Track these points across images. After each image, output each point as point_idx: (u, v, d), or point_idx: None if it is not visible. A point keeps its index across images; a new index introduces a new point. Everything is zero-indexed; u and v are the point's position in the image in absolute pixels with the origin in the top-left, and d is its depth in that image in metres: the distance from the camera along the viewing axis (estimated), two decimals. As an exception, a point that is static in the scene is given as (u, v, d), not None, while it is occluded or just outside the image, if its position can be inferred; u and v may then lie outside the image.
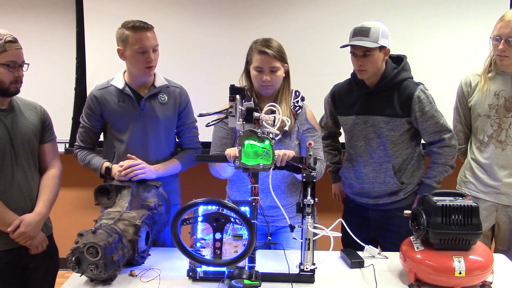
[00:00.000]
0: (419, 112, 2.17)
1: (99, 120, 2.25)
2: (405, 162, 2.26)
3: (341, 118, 2.37)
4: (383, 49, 2.16)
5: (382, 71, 2.21)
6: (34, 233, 1.98)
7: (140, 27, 2.11)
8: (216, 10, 3.26)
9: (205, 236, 1.77)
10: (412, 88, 2.19)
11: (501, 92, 2.34)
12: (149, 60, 2.13)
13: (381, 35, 2.12)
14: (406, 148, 2.25)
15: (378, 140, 2.24)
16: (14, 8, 3.39)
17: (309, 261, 1.77)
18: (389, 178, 2.23)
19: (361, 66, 2.16)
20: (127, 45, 2.13)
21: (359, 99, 2.29)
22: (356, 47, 2.14)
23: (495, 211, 2.41)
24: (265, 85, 2.11)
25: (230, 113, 1.77)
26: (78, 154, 2.28)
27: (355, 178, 2.32)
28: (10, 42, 1.88)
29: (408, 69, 2.26)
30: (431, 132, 2.20)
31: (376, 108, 2.23)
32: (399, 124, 2.20)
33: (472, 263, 1.69)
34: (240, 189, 2.22)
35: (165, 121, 2.25)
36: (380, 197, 2.27)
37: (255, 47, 2.12)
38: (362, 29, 2.13)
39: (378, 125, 2.22)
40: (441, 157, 2.22)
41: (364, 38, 2.11)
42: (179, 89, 2.31)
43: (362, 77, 2.22)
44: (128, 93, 2.20)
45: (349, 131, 2.33)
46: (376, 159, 2.25)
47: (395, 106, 2.20)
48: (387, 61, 2.23)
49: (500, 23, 2.24)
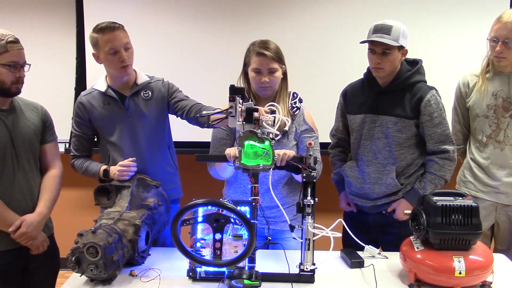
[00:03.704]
0: (428, 116, 2.14)
1: (89, 126, 2.24)
2: (409, 167, 2.22)
3: (350, 116, 2.33)
4: (401, 49, 2.13)
5: (396, 71, 2.18)
6: (35, 234, 1.98)
7: (108, 27, 2.09)
8: (216, 10, 3.26)
9: (205, 236, 1.77)
10: (424, 91, 2.16)
11: (499, 92, 2.34)
12: (122, 59, 2.10)
13: (402, 34, 2.09)
14: (411, 153, 2.21)
15: (384, 141, 2.21)
16: (14, 8, 3.39)
17: (309, 261, 1.77)
18: (391, 180, 2.20)
19: (378, 64, 2.12)
20: (99, 49, 2.13)
21: (369, 98, 2.25)
22: (376, 44, 2.10)
23: (495, 211, 2.41)
24: (264, 86, 2.11)
25: (230, 113, 1.77)
26: (75, 164, 2.27)
27: (356, 178, 2.29)
28: (12, 43, 1.88)
29: (422, 72, 2.23)
30: (436, 141, 2.16)
31: (385, 108, 2.20)
32: (407, 126, 2.17)
33: (472, 263, 1.69)
34: (237, 190, 2.23)
35: (152, 117, 2.24)
36: (379, 199, 2.25)
37: (253, 49, 2.12)
38: (383, 26, 2.09)
39: (386, 125, 2.19)
40: (441, 169, 2.17)
41: (385, 35, 2.07)
42: (161, 81, 2.30)
43: (378, 75, 2.18)
44: (112, 95, 2.20)
45: (357, 130, 2.29)
46: (380, 160, 2.23)
47: (405, 107, 2.17)
48: (402, 62, 2.20)
49: (497, 24, 2.24)
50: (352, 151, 2.37)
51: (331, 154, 2.49)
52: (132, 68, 2.19)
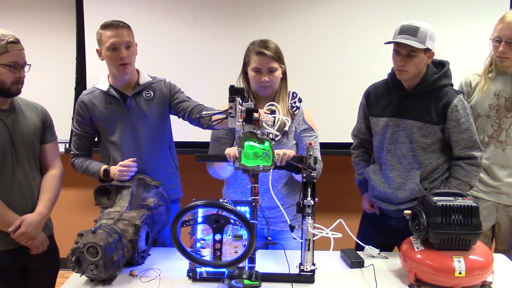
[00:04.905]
0: (455, 122, 2.07)
1: (90, 126, 2.24)
2: (433, 172, 2.15)
3: (373, 119, 2.25)
4: (428, 52, 2.05)
5: (422, 73, 2.10)
6: (35, 233, 1.98)
7: (112, 24, 2.11)
8: (216, 11, 3.26)
9: (205, 236, 1.77)
10: (451, 96, 2.08)
11: (501, 92, 2.34)
12: (120, 56, 2.10)
13: (429, 37, 2.00)
14: (437, 158, 2.14)
15: (409, 145, 2.14)
16: (14, 8, 3.39)
17: (309, 262, 1.77)
18: (415, 186, 2.12)
19: (403, 66, 2.05)
20: (101, 44, 2.14)
21: (394, 101, 2.18)
22: (401, 45, 2.03)
23: (496, 211, 2.41)
24: (264, 85, 2.11)
25: (229, 114, 1.77)
26: (75, 163, 2.26)
27: (380, 182, 2.23)
28: (12, 43, 1.89)
29: (449, 75, 2.15)
30: (463, 147, 2.09)
31: (410, 112, 2.13)
32: (432, 131, 2.10)
33: (472, 263, 1.69)
34: (236, 189, 2.22)
35: (153, 117, 2.24)
36: (403, 203, 2.18)
37: (253, 48, 2.12)
38: (410, 27, 2.01)
39: (411, 129, 2.13)
40: (467, 175, 2.10)
41: (412, 37, 1.99)
42: (163, 81, 2.30)
43: (402, 77, 2.11)
44: (113, 94, 2.20)
45: (380, 134, 2.23)
46: (404, 165, 2.16)
47: (431, 111, 2.09)
48: (429, 65, 2.12)
49: (501, 24, 2.24)
50: (375, 154, 2.31)
51: (354, 154, 2.44)
52: (132, 67, 2.19)
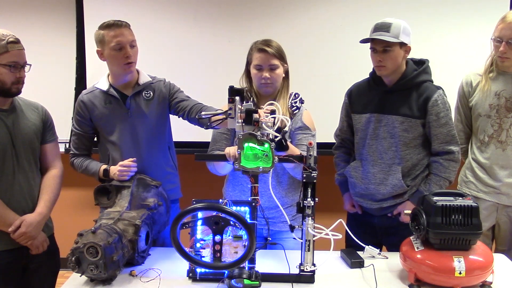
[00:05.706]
0: (435, 116, 2.12)
1: (89, 125, 2.24)
2: (414, 168, 2.20)
3: (355, 116, 2.30)
4: (403, 46, 2.11)
5: (402, 70, 2.17)
6: (35, 233, 1.98)
7: (114, 24, 2.11)
8: (216, 11, 3.26)
9: (205, 236, 1.77)
10: (431, 91, 2.14)
11: (502, 92, 2.34)
12: (127, 55, 2.11)
13: (402, 31, 2.08)
14: (417, 153, 2.19)
15: (390, 141, 2.19)
16: (14, 8, 3.39)
17: (309, 262, 1.77)
18: (397, 181, 2.17)
19: (380, 62, 2.12)
20: (104, 45, 2.13)
21: (375, 98, 2.23)
22: (376, 42, 2.10)
23: (496, 211, 2.41)
24: (265, 82, 2.12)
25: (229, 115, 1.77)
26: (75, 162, 2.27)
27: (361, 178, 2.27)
28: (13, 43, 1.89)
29: (429, 72, 2.21)
30: (441, 141, 2.15)
31: (392, 107, 2.18)
32: (414, 125, 2.15)
33: (472, 263, 1.69)
34: (235, 188, 2.23)
35: (153, 117, 2.24)
36: (385, 200, 2.23)
37: (255, 46, 2.16)
38: (383, 24, 2.09)
39: (393, 124, 2.18)
40: (445, 171, 2.16)
41: (385, 33, 2.07)
42: (163, 81, 2.30)
43: (381, 73, 2.17)
44: (113, 94, 2.20)
45: (362, 130, 2.27)
46: (385, 160, 2.21)
47: (412, 106, 2.15)
48: (408, 61, 2.19)
49: (502, 24, 2.24)
50: (356, 151, 2.35)
51: (335, 154, 2.47)
52: (135, 66, 2.20)
